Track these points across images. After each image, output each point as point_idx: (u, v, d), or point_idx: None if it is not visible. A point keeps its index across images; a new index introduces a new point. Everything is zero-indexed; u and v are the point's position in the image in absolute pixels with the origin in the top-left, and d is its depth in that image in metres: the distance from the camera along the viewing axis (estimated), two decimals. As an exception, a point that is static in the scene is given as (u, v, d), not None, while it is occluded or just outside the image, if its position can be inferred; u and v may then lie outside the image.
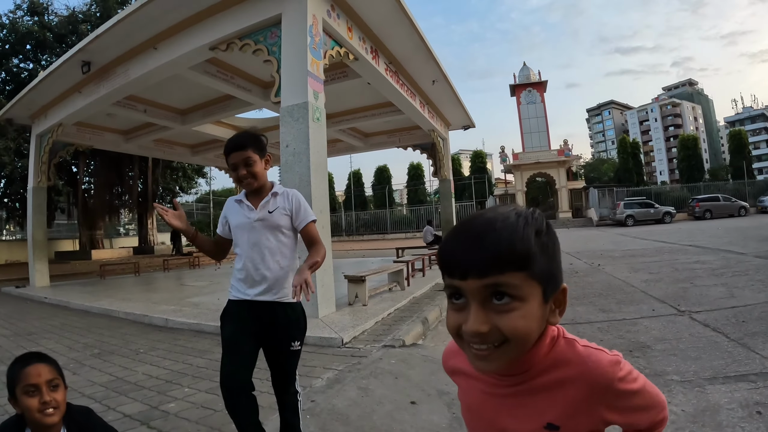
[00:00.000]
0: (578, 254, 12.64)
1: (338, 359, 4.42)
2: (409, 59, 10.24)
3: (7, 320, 7.94)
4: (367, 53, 8.55)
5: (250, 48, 7.07)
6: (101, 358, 5.06)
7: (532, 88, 40.80)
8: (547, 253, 0.75)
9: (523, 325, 0.73)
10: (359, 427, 2.89)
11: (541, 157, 38.08)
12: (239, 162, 2.34)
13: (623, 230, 24.61)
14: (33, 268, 12.81)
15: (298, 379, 2.53)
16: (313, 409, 3.21)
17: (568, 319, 5.32)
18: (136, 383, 4.11)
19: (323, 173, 6.51)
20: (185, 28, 7.84)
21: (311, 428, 2.92)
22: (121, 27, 8.10)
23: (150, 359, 4.93)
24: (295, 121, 6.28)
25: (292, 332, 2.37)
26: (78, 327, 6.99)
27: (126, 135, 15.24)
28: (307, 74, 6.32)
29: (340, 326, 5.44)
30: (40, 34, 20.43)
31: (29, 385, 1.65)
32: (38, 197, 12.90)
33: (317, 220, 5.92)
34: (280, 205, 2.41)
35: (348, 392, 3.48)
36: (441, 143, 15.27)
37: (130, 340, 5.95)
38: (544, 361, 0.80)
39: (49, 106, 11.85)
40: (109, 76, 9.46)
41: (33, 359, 1.73)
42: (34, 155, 12.85)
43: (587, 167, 60.70)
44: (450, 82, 12.18)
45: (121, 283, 12.90)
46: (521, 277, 0.72)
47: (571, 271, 9.41)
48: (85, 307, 8.84)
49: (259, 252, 2.36)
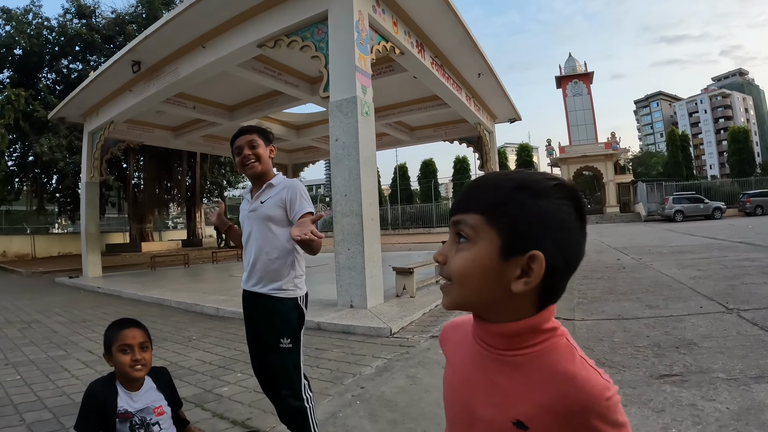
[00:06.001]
0: (625, 250, 12.29)
1: (387, 348, 4.51)
2: (454, 52, 10.13)
3: (63, 308, 8.27)
4: (413, 47, 8.49)
5: (298, 44, 7.11)
6: (155, 345, 5.13)
7: (578, 79, 39.95)
8: (520, 208, 0.71)
9: (463, 265, 0.73)
10: (407, 413, 2.93)
11: (588, 150, 37.23)
12: (244, 144, 2.36)
13: (672, 226, 23.81)
14: (86, 259, 13.28)
15: (307, 385, 2.41)
16: (362, 395, 3.28)
17: (614, 315, 5.21)
18: (190, 368, 4.26)
19: (372, 166, 6.54)
20: (233, 26, 7.95)
21: (361, 413, 2.97)
22: (169, 27, 8.28)
23: (202, 346, 5.09)
24: (344, 116, 6.31)
25: (278, 327, 2.28)
26: (130, 315, 7.11)
27: (175, 131, 15.61)
28: (355, 69, 6.34)
29: (388, 317, 5.51)
30: (88, 36, 21.25)
31: (124, 345, 1.99)
32: (91, 192, 13.35)
33: (367, 212, 5.91)
34: (274, 195, 2.35)
35: (396, 380, 3.55)
36: (487, 136, 15.06)
37: (182, 327, 6.15)
38: (534, 348, 0.75)
39: (101, 104, 12.25)
40: (159, 74, 9.70)
41: (130, 324, 2.09)
42: (87, 152, 13.31)
43: (635, 161, 58.95)
44: (495, 74, 12.00)
45: (171, 274, 13.27)
46: (478, 220, 0.73)
47: (619, 266, 9.18)
48: (137, 296, 9.15)
49: (252, 243, 2.36)
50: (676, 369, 3.36)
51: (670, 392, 2.95)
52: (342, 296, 6.25)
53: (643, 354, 3.75)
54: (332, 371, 3.89)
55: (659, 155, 60.92)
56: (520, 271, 0.71)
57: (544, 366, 0.73)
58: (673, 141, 42.58)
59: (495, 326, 0.76)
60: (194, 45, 8.67)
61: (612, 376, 2.45)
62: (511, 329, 0.74)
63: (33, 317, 7.43)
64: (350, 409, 3.05)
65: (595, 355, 3.79)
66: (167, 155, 23.36)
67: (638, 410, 2.71)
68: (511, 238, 0.71)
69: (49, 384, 3.97)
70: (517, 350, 0.75)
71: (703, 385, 3.01)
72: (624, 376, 3.29)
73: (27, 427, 3.04)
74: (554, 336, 0.76)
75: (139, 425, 1.97)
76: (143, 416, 1.99)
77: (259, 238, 2.33)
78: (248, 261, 2.37)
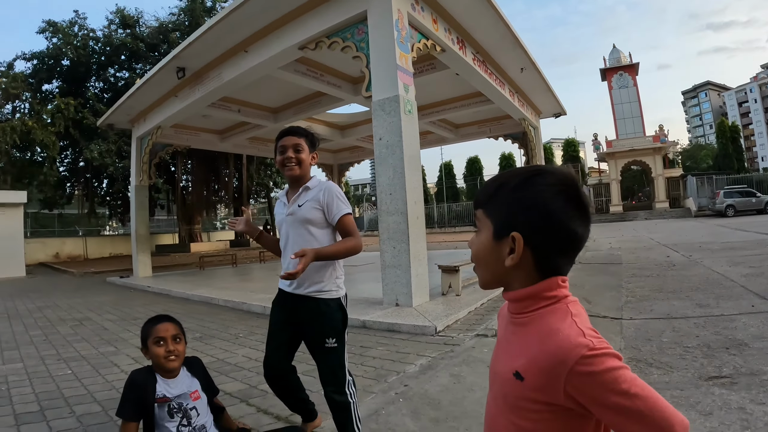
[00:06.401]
0: (675, 246, 11.90)
1: (431, 347, 4.52)
2: (495, 48, 10.01)
3: (114, 307, 8.58)
4: (454, 44, 8.42)
5: (339, 45, 7.16)
6: (203, 342, 5.39)
7: (623, 71, 38.88)
8: (502, 200, 0.90)
9: (474, 249, 0.95)
10: (449, 411, 2.92)
11: (636, 144, 36.10)
12: (289, 145, 2.41)
13: (723, 221, 22.82)
14: (136, 259, 13.75)
15: (352, 381, 2.44)
16: (405, 393, 3.29)
17: (663, 314, 5.05)
18: (236, 364, 4.35)
19: (417, 164, 6.53)
20: (274, 30, 8.07)
21: (403, 411, 2.98)
22: (211, 33, 8.46)
23: (249, 343, 5.19)
24: (387, 115, 6.32)
25: (323, 328, 2.33)
26: (179, 313, 7.37)
27: (221, 134, 15.93)
28: (397, 68, 6.33)
29: (433, 315, 5.49)
30: (133, 45, 21.97)
31: (158, 338, 2.16)
32: (140, 195, 13.81)
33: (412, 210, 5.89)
34: (311, 198, 2.37)
35: (440, 378, 3.56)
36: (532, 132, 14.80)
37: (229, 325, 6.28)
38: (535, 312, 0.89)
39: (148, 110, 12.66)
40: (203, 79, 9.94)
41: (163, 319, 2.24)
42: (135, 156, 13.77)
43: (684, 154, 56.97)
44: (539, 68, 11.79)
45: (219, 274, 13.57)
46: (480, 213, 0.95)
47: (668, 264, 8.89)
48: (185, 295, 9.39)
49: (291, 246, 2.36)
50: (725, 371, 3.24)
51: (718, 395, 2.84)
52: (387, 295, 6.26)
53: (692, 354, 3.63)
54: (376, 369, 3.92)
55: (709, 147, 58.77)
56: (509, 249, 0.88)
57: (539, 325, 0.87)
58: (723, 132, 41.04)
59: (507, 294, 0.94)
60: (237, 50, 8.85)
61: (659, 378, 2.66)
62: (516, 295, 0.92)
63: (85, 315, 7.72)
64: (393, 406, 3.07)
65: (642, 355, 3.69)
66: (214, 158, 23.86)
67: (685, 413, 2.57)
68: (498, 224, 0.90)
69: (98, 378, 4.13)
70: (524, 313, 0.91)
71: (753, 388, 2.89)
72: (671, 378, 3.19)
73: (76, 419, 3.17)
74: (555, 302, 0.88)
75: (177, 409, 2.12)
76: (180, 401, 2.14)
77: (298, 241, 2.35)
78: (285, 260, 2.40)
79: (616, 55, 39.99)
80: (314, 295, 2.33)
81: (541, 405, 0.84)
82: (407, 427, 2.75)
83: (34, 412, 3.33)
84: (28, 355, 5.13)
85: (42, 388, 3.92)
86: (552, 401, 0.82)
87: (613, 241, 15.27)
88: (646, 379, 3.09)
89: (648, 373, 3.25)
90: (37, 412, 3.33)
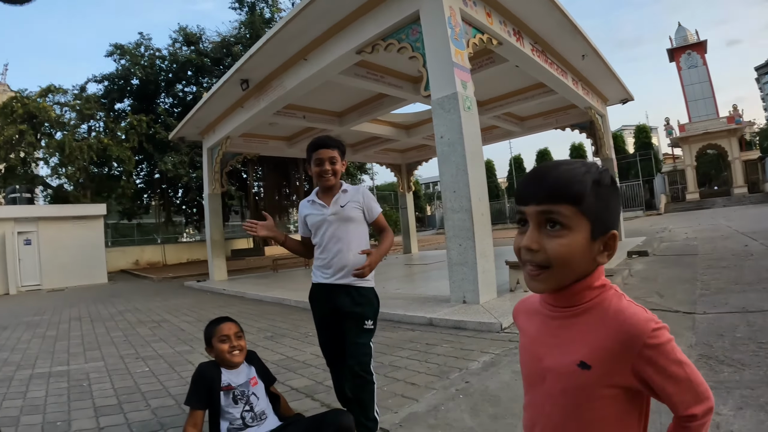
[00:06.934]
0: (754, 235, 11.16)
1: (496, 344, 4.50)
2: (554, 36, 9.76)
3: (191, 309, 9.03)
4: (510, 36, 8.29)
5: (395, 47, 7.24)
6: (273, 340, 5.60)
7: (691, 50, 36.60)
8: (600, 199, 0.87)
9: (565, 251, 0.86)
10: (508, 408, 2.92)
11: (710, 126, 33.87)
12: (326, 158, 2.63)
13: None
14: (212, 264, 14.38)
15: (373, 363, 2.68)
16: (466, 389, 3.33)
17: (738, 307, 4.78)
18: (304, 362, 4.51)
19: (479, 161, 6.51)
20: (330, 37, 8.25)
21: (462, 407, 3.02)
22: (270, 45, 8.75)
23: (317, 341, 5.27)
24: (447, 113, 6.34)
25: (364, 310, 2.61)
26: (253, 314, 7.74)
27: (288, 140, 16.27)
28: (453, 65, 6.33)
29: (500, 312, 5.46)
30: (197, 60, 22.93)
31: (222, 336, 2.41)
32: (214, 203, 14.43)
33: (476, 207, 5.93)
34: (351, 199, 2.68)
35: (502, 375, 3.55)
36: (599, 120, 14.26)
37: (299, 324, 6.47)
38: (590, 301, 0.91)
39: (216, 122, 13.24)
40: (267, 89, 10.30)
41: (224, 319, 2.54)
42: (207, 166, 14.42)
43: (762, 134, 52.91)
44: (600, 54, 11.38)
45: (292, 276, 13.96)
46: (572, 210, 0.86)
47: (746, 253, 8.40)
48: (259, 296, 9.76)
49: (337, 242, 2.64)
50: (801, 370, 3.04)
51: (791, 396, 2.67)
52: (455, 292, 6.28)
53: (766, 351, 3.43)
54: (439, 366, 3.96)
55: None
56: (602, 246, 0.89)
57: (598, 311, 0.89)
58: (804, 108, 37.90)
59: (564, 291, 0.92)
60: (296, 58, 9.11)
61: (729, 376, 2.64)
62: (575, 289, 0.91)
63: (163, 317, 8.16)
64: (453, 402, 3.10)
65: (714, 352, 3.52)
66: (284, 163, 24.49)
67: (754, 413, 2.47)
68: (598, 223, 0.87)
69: (174, 375, 4.39)
70: (577, 306, 0.92)
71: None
72: (742, 376, 3.02)
73: (151, 411, 3.40)
74: (605, 290, 0.91)
75: (240, 396, 2.34)
76: (242, 389, 2.36)
77: (341, 237, 2.64)
78: (329, 257, 2.66)
79: (682, 33, 37.79)
80: (354, 283, 2.61)
81: (607, 389, 0.87)
82: (465, 423, 2.78)
83: (112, 405, 3.61)
84: (109, 354, 5.49)
85: (120, 383, 4.22)
86: (618, 383, 0.86)
87: (689, 230, 14.54)
88: (716, 377, 3.01)
89: (718, 371, 3.11)
90: (115, 405, 3.60)
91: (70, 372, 4.77)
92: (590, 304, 0.91)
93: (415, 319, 5.77)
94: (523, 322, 1.07)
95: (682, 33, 37.81)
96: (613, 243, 0.89)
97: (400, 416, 2.94)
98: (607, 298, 0.90)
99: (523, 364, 1.05)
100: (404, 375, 3.79)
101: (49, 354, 5.75)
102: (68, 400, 3.82)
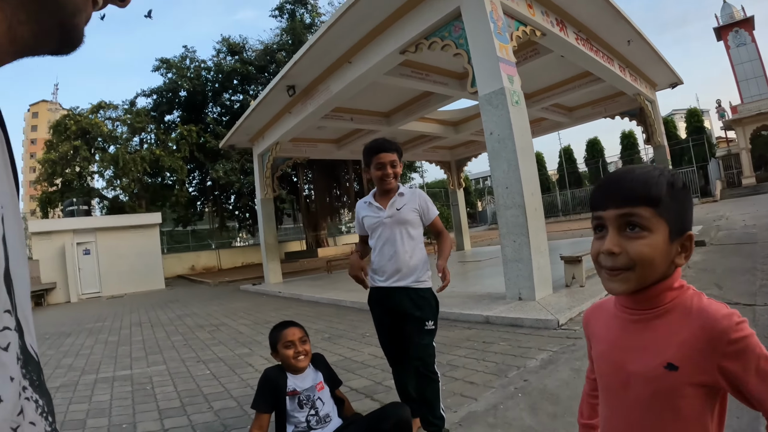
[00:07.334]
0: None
1: (554, 341, 4.47)
2: (597, 23, 9.52)
3: (247, 312, 9.23)
4: (553, 26, 8.16)
5: (438, 45, 7.25)
6: (331, 341, 5.70)
7: (738, 27, 34.79)
8: (676, 201, 0.90)
9: (647, 252, 0.88)
10: (568, 407, 2.91)
11: (763, 106, 31.81)
12: (387, 162, 2.66)
13: None
14: (267, 267, 14.69)
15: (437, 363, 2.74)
16: (524, 388, 3.33)
17: None
18: (363, 362, 4.58)
19: (530, 155, 6.47)
20: (372, 39, 8.34)
21: (521, 405, 3.03)
22: (314, 50, 8.90)
23: (375, 342, 5.30)
24: (495, 108, 6.31)
25: (425, 313, 2.65)
26: (309, 316, 7.85)
27: (337, 143, 16.43)
28: (498, 60, 6.30)
29: (556, 308, 5.41)
30: (242, 69, 23.48)
31: (288, 341, 2.43)
32: (266, 207, 14.77)
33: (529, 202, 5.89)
34: (408, 202, 2.72)
35: (560, 373, 3.54)
36: (649, 106, 13.85)
37: (356, 325, 6.56)
38: (670, 302, 0.92)
39: (265, 129, 13.58)
40: (313, 94, 10.49)
41: (289, 324, 2.53)
42: (258, 172, 14.80)
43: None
44: (646, 38, 11.02)
45: (346, 277, 13.72)
46: (651, 212, 0.88)
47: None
48: (314, 298, 9.90)
49: (393, 245, 2.68)
50: None
51: None
52: (510, 289, 6.25)
53: None
54: (497, 364, 3.95)
55: None
56: (680, 248, 0.92)
57: (681, 311, 0.90)
58: None
59: (644, 292, 0.93)
60: (341, 62, 9.25)
61: None
62: (656, 291, 0.92)
63: (221, 321, 8.36)
64: (511, 401, 3.11)
65: None
66: (333, 165, 24.76)
67: None
68: (675, 225, 0.90)
69: (234, 377, 4.51)
70: (658, 307, 0.92)
71: None
72: None
73: (214, 413, 3.52)
74: (684, 290, 0.93)
75: (305, 401, 2.37)
76: (308, 393, 2.39)
77: (399, 239, 2.68)
78: (384, 260, 2.71)
79: (728, 10, 35.82)
80: (413, 285, 2.67)
81: (692, 389, 0.87)
82: (524, 422, 2.79)
83: (175, 408, 3.76)
84: (171, 358, 5.69)
85: (183, 386, 4.38)
86: (703, 382, 0.86)
87: (747, 217, 13.83)
88: None
89: None
90: (178, 408, 3.75)
91: (134, 376, 5.00)
92: (671, 305, 0.91)
93: (471, 317, 5.78)
94: (598, 329, 1.07)
95: (728, 10, 35.88)
96: (689, 244, 0.92)
97: (460, 415, 2.98)
98: (688, 298, 0.91)
99: (602, 374, 1.04)
100: (462, 374, 3.81)
101: (112, 359, 6.03)
102: (132, 403, 4.02)
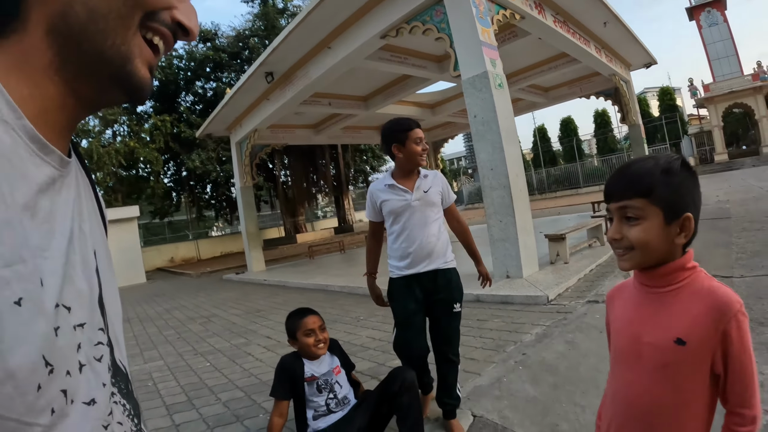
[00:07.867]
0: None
1: (545, 316, 4.63)
2: (574, 6, 9.64)
3: (236, 302, 9.15)
4: (532, 9, 8.23)
5: (419, 29, 7.27)
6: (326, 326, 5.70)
7: (710, 7, 35.38)
8: (671, 187, 0.99)
9: (642, 236, 1.00)
10: (567, 377, 3.05)
11: (734, 85, 32.58)
12: (422, 138, 2.60)
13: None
14: (249, 255, 14.63)
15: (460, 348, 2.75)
16: (524, 361, 3.47)
17: None
18: (362, 345, 4.64)
19: (513, 138, 6.56)
20: (353, 23, 8.30)
21: (523, 378, 3.17)
22: (293, 36, 8.80)
23: (371, 325, 5.45)
24: (478, 92, 6.38)
25: (454, 295, 2.63)
26: (299, 302, 7.74)
27: (315, 128, 16.36)
28: (480, 44, 6.36)
29: (544, 284, 5.58)
30: (215, 56, 23.05)
31: (308, 330, 2.43)
32: (246, 195, 14.66)
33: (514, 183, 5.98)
34: (432, 185, 2.66)
35: (556, 346, 3.69)
36: (624, 86, 14.17)
37: (348, 309, 6.59)
38: (683, 281, 1.02)
39: (242, 116, 13.42)
40: (292, 80, 10.42)
41: (308, 312, 2.53)
42: (237, 160, 14.65)
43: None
44: (621, 20, 11.22)
45: (328, 261, 14.04)
46: (643, 202, 0.99)
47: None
48: (301, 285, 9.90)
49: (423, 229, 2.59)
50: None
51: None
52: (498, 267, 6.38)
53: None
54: (494, 340, 4.08)
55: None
56: (679, 229, 1.00)
57: (693, 290, 1.00)
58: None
59: (658, 270, 1.04)
60: (320, 47, 9.18)
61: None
62: (668, 269, 1.03)
63: (211, 312, 8.28)
64: (514, 374, 3.24)
65: (753, 314, 3.54)
66: (311, 151, 24.81)
67: None
68: (669, 210, 0.99)
69: (236, 368, 4.51)
70: (673, 285, 1.03)
71: None
72: None
73: (223, 405, 3.54)
74: (696, 271, 1.03)
75: (324, 386, 2.40)
76: (326, 378, 2.42)
77: (425, 222, 2.60)
78: (412, 245, 2.59)
79: None
80: (442, 266, 2.62)
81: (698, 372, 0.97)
82: (528, 393, 2.92)
83: (182, 402, 3.75)
84: (167, 353, 5.63)
85: (185, 380, 4.35)
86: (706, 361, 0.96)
87: (720, 193, 14.22)
88: (758, 338, 3.04)
89: (759, 333, 3.15)
90: (185, 402, 3.74)
91: (132, 373, 4.92)
92: (683, 283, 1.02)
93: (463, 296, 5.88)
94: (619, 307, 1.18)
95: (699, -11, 36.50)
96: (689, 224, 1.00)
97: (466, 390, 3.08)
98: (699, 278, 1.01)
99: (618, 343, 1.14)
100: (463, 351, 3.81)
101: (106, 358, 5.97)
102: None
